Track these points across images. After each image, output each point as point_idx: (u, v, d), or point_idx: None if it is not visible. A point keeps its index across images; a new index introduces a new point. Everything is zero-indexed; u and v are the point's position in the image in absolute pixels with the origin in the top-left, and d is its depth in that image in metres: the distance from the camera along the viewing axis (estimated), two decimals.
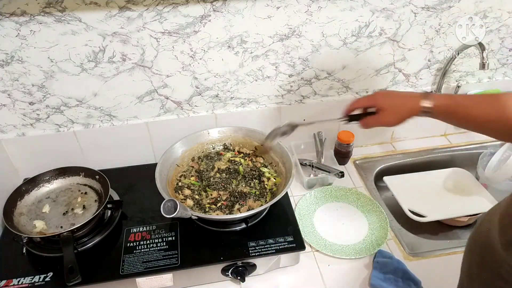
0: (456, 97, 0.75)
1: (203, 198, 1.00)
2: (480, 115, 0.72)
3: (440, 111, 0.75)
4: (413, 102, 0.77)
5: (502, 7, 1.15)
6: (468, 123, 0.74)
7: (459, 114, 0.74)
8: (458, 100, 0.75)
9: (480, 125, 0.73)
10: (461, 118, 0.75)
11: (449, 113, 0.75)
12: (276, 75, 1.14)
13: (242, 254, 0.89)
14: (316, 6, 1.02)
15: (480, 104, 0.72)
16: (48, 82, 1.00)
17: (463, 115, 0.74)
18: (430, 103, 0.75)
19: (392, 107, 0.79)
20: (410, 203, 1.09)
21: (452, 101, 0.75)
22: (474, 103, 0.73)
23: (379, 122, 0.81)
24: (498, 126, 0.70)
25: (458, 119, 0.76)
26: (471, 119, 0.73)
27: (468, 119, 0.73)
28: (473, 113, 0.72)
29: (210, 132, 1.13)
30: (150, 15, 0.95)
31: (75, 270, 0.82)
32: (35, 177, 1.01)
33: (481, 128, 0.74)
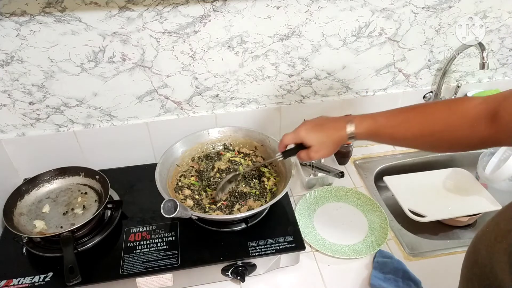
0: (379, 118, 0.74)
1: (203, 198, 1.00)
2: (404, 134, 0.71)
3: (364, 136, 0.75)
4: (337, 133, 0.76)
5: (502, 7, 1.15)
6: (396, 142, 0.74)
7: (384, 136, 0.74)
8: (380, 122, 0.73)
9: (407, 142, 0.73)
10: (387, 139, 0.75)
11: (374, 136, 0.75)
12: (276, 75, 1.14)
13: (242, 254, 0.89)
14: (316, 6, 1.02)
15: (404, 123, 0.72)
16: (48, 82, 1.00)
17: (388, 136, 0.73)
18: (353, 131, 0.75)
19: (319, 143, 0.79)
20: (410, 203, 1.09)
21: (376, 124, 0.74)
22: (398, 122, 0.72)
23: (311, 158, 0.81)
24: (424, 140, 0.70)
25: (385, 140, 0.75)
26: (398, 138, 0.73)
27: (395, 138, 0.73)
28: (397, 132, 0.72)
29: (210, 132, 1.13)
30: (150, 15, 0.95)
31: (75, 270, 0.82)
32: (35, 177, 1.01)
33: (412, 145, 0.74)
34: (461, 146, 0.68)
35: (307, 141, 0.80)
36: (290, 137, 0.83)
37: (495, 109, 0.62)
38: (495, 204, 1.09)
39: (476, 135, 0.64)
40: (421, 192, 1.16)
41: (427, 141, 0.70)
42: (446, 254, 0.99)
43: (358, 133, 0.75)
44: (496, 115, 0.61)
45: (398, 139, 0.73)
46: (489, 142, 0.64)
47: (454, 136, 0.67)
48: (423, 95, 1.29)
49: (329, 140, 0.78)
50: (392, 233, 1.05)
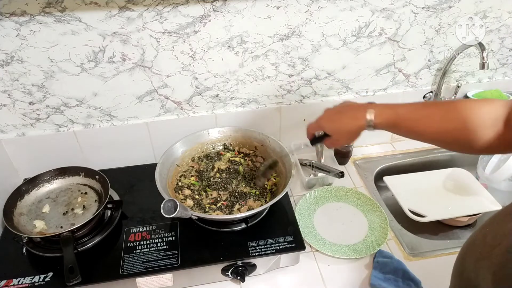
0: (400, 110, 0.73)
1: (203, 198, 1.00)
2: (424, 128, 0.71)
3: (383, 126, 0.74)
4: (356, 122, 0.76)
5: (502, 7, 1.15)
6: (413, 136, 0.73)
7: (403, 128, 0.73)
8: (401, 114, 0.72)
9: (426, 138, 0.72)
10: (406, 131, 0.74)
11: (393, 128, 0.74)
12: (276, 75, 1.14)
13: (242, 254, 0.89)
14: (316, 6, 1.02)
15: (424, 117, 0.71)
16: (48, 82, 1.00)
17: (407, 129, 0.73)
18: (372, 121, 0.74)
19: (339, 131, 0.80)
20: (410, 203, 1.09)
21: (396, 116, 0.73)
22: (419, 117, 0.71)
23: (334, 145, 0.83)
24: (443, 137, 0.69)
25: (403, 132, 0.75)
26: (416, 132, 0.72)
27: (413, 132, 0.73)
28: (417, 127, 0.71)
29: (210, 132, 1.13)
30: (150, 15, 0.95)
31: (75, 270, 0.82)
32: (35, 177, 1.01)
33: (427, 140, 0.73)
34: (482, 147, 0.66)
35: (327, 129, 0.81)
36: (313, 126, 0.85)
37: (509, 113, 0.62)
38: (495, 204, 1.09)
39: (497, 137, 0.64)
40: (421, 192, 1.16)
41: (446, 138, 0.69)
42: (446, 254, 0.99)
43: (377, 123, 0.74)
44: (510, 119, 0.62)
45: (417, 133, 0.72)
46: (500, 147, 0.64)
47: (474, 136, 0.65)
48: (423, 95, 1.29)
49: (348, 130, 0.78)
50: (392, 233, 1.05)
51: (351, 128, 0.77)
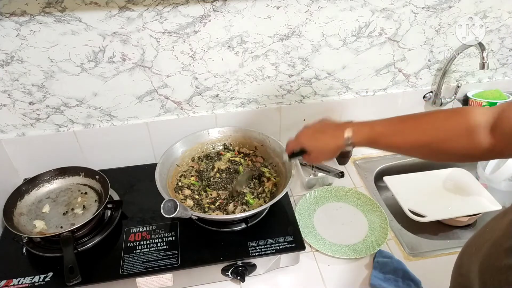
0: (377, 127, 0.75)
1: (203, 198, 1.00)
2: (402, 142, 0.72)
3: (362, 143, 0.76)
4: (335, 141, 0.78)
5: (502, 7, 1.15)
6: (392, 150, 0.76)
7: (382, 144, 0.75)
8: (378, 130, 0.74)
9: (404, 151, 0.74)
10: (384, 147, 0.76)
11: (371, 143, 0.76)
12: (276, 75, 1.14)
13: (242, 254, 0.89)
14: (316, 6, 1.02)
15: (402, 131, 0.72)
16: (48, 82, 1.00)
17: (385, 144, 0.74)
18: (350, 139, 0.76)
19: (318, 149, 0.81)
20: (410, 203, 1.09)
21: (373, 133, 0.75)
22: (394, 132, 0.73)
23: (312, 162, 0.86)
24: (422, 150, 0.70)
25: (382, 147, 0.76)
26: (394, 147, 0.74)
27: (391, 147, 0.75)
28: (394, 142, 0.73)
29: (210, 132, 1.13)
30: (150, 15, 0.95)
31: (75, 270, 0.82)
32: (35, 177, 1.01)
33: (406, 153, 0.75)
34: (461, 156, 0.68)
35: (307, 148, 0.83)
36: (293, 143, 0.87)
37: (495, 120, 0.62)
38: (495, 204, 1.09)
39: (476, 146, 0.64)
40: (421, 192, 1.16)
41: (424, 150, 0.71)
42: (446, 254, 0.99)
43: (355, 141, 0.76)
44: (496, 126, 0.61)
45: (396, 148, 0.75)
46: (492, 153, 0.64)
47: (452, 146, 0.66)
48: (423, 95, 1.29)
49: (327, 148, 0.80)
50: (392, 233, 1.05)
51: (331, 147, 0.79)
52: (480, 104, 1.23)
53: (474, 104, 1.25)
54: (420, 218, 1.06)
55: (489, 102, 1.21)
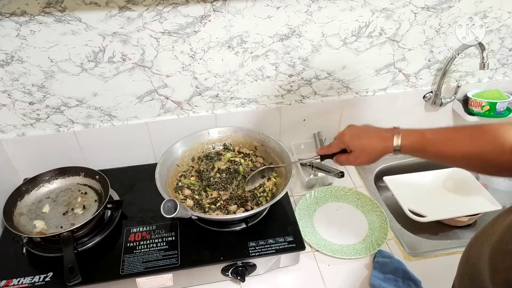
0: (427, 133, 0.73)
1: (203, 198, 1.00)
2: (451, 151, 0.70)
3: (409, 149, 0.74)
4: (383, 143, 0.75)
5: (502, 7, 1.15)
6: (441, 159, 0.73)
7: (430, 152, 0.73)
8: (428, 136, 0.72)
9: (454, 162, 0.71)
10: (432, 155, 0.73)
11: (420, 151, 0.74)
12: (276, 75, 1.14)
13: (242, 254, 0.89)
14: (316, 6, 1.02)
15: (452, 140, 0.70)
16: (48, 82, 1.00)
17: (434, 152, 0.72)
18: (399, 144, 0.74)
19: (363, 149, 0.78)
20: (410, 203, 1.09)
21: (423, 139, 0.73)
22: (446, 139, 0.71)
23: (350, 162, 0.80)
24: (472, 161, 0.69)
25: (429, 156, 0.74)
26: (444, 156, 0.71)
27: (441, 156, 0.72)
28: (445, 150, 0.71)
29: (210, 132, 1.13)
30: (150, 15, 0.95)
31: (75, 270, 0.82)
32: (35, 177, 1.01)
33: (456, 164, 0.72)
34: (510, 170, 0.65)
35: (351, 146, 0.79)
36: (336, 144, 0.83)
37: None
38: (495, 204, 1.09)
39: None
40: (421, 192, 1.16)
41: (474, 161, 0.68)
42: (446, 254, 0.99)
43: (404, 145, 0.74)
44: None
45: (445, 157, 0.72)
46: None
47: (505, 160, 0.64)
48: (423, 95, 1.29)
49: (373, 149, 0.77)
50: (392, 233, 1.05)
51: (377, 149, 0.76)
52: (480, 104, 1.23)
53: (474, 104, 1.25)
54: (420, 218, 1.06)
55: (489, 102, 1.21)
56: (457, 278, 0.60)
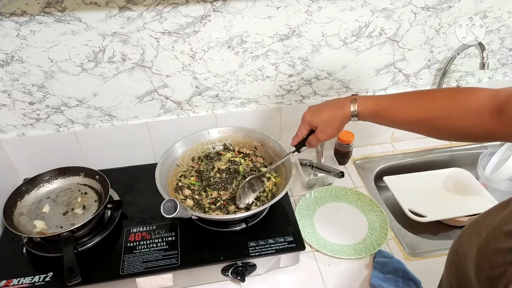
0: (382, 99, 0.76)
1: (203, 198, 1.00)
2: (405, 116, 0.72)
3: (366, 115, 0.76)
4: (341, 110, 0.79)
5: (502, 7, 1.15)
6: (395, 124, 0.75)
7: (385, 117, 0.75)
8: (383, 102, 0.75)
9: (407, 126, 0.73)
10: (388, 120, 0.75)
11: (375, 116, 0.76)
12: (276, 75, 1.14)
13: (242, 254, 0.89)
14: (316, 6, 1.02)
15: (406, 105, 0.72)
16: (48, 82, 1.00)
17: (388, 117, 0.74)
18: (355, 109, 0.76)
19: (325, 122, 0.81)
20: (410, 203, 1.09)
21: (378, 104, 0.75)
22: (401, 104, 0.73)
23: (319, 139, 0.83)
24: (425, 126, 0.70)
25: (386, 121, 0.76)
26: (398, 121, 0.73)
27: (395, 121, 0.74)
28: (399, 115, 0.73)
29: (210, 132, 1.13)
30: (150, 15, 0.95)
31: (75, 270, 0.82)
32: (35, 177, 1.01)
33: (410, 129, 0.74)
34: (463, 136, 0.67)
35: (313, 122, 0.83)
36: (301, 127, 0.86)
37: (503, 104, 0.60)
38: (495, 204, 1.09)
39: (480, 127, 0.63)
40: (421, 192, 1.16)
41: (428, 126, 0.70)
42: (446, 254, 0.97)
43: (360, 111, 0.76)
44: (503, 110, 0.60)
45: (399, 122, 0.74)
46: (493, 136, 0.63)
47: (456, 124, 0.66)
48: None
49: (334, 118, 0.80)
50: (392, 233, 1.05)
51: (337, 116, 0.80)
52: None
53: None
54: (420, 218, 1.06)
55: None
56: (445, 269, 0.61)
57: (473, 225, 0.57)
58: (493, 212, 0.54)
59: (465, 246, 0.54)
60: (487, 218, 0.54)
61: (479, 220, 0.56)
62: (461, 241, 0.58)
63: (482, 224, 0.53)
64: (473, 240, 0.52)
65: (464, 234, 0.58)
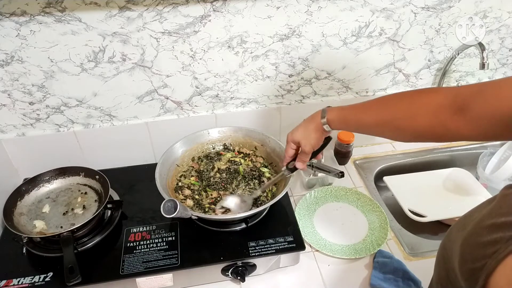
0: (347, 107, 0.80)
1: (203, 198, 1.00)
2: (369, 120, 0.75)
3: (335, 123, 0.81)
4: (313, 122, 0.84)
5: (502, 7, 1.15)
6: (362, 128, 0.78)
7: (352, 122, 0.79)
8: (347, 110, 0.79)
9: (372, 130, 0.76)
10: (355, 125, 0.80)
11: (343, 123, 0.80)
12: (276, 75, 1.14)
13: (242, 254, 0.89)
14: (316, 6, 1.02)
15: (368, 110, 0.76)
16: (48, 82, 1.00)
17: (354, 123, 0.79)
18: (325, 118, 0.81)
19: (304, 136, 0.86)
20: (410, 203, 1.09)
21: (343, 111, 0.80)
22: (363, 109, 0.77)
23: (304, 152, 0.87)
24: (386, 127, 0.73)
25: (354, 127, 0.81)
26: (363, 124, 0.77)
27: (361, 125, 0.77)
28: (363, 119, 0.76)
29: (210, 132, 1.13)
30: (150, 15, 0.95)
31: (75, 270, 0.82)
32: (35, 177, 1.01)
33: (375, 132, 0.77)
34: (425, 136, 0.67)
35: (294, 138, 0.88)
36: (287, 148, 0.91)
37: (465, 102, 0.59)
38: None
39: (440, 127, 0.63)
40: (421, 192, 1.16)
41: (388, 128, 0.72)
42: None
43: (329, 120, 0.81)
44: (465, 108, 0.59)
45: (363, 126, 0.77)
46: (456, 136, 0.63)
47: (415, 124, 0.67)
48: None
49: (309, 130, 0.85)
50: (392, 233, 1.05)
51: (312, 128, 0.85)
52: None
53: None
54: (420, 218, 1.06)
55: None
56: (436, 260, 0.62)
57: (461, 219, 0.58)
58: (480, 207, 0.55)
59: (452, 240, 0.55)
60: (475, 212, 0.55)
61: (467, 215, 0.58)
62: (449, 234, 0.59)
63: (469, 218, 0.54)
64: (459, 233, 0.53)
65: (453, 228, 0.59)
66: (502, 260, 0.41)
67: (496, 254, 0.42)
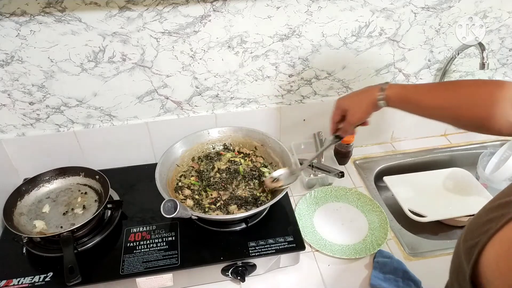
0: (409, 86, 0.79)
1: (203, 198, 1.00)
2: (430, 103, 0.74)
3: (393, 100, 0.79)
4: (370, 95, 0.82)
5: (502, 7, 1.15)
6: (420, 110, 0.77)
7: (411, 102, 0.78)
8: (410, 89, 0.78)
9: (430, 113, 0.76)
10: (413, 106, 0.78)
11: (402, 102, 0.79)
12: (276, 75, 1.14)
13: (242, 254, 0.89)
14: (316, 6, 1.02)
15: (431, 92, 0.75)
16: (48, 82, 1.00)
17: (415, 102, 0.77)
18: (383, 94, 0.79)
19: (354, 105, 0.85)
20: (410, 203, 1.09)
21: (405, 90, 0.78)
22: (426, 91, 0.76)
23: (349, 122, 0.86)
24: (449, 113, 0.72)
25: (411, 107, 0.79)
26: (423, 106, 0.76)
27: (420, 106, 0.76)
28: (424, 101, 0.75)
29: (210, 132, 1.13)
30: (150, 15, 0.95)
31: (75, 270, 0.82)
32: (35, 177, 1.01)
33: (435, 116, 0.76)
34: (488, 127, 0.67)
35: (344, 105, 0.87)
36: (334, 113, 0.90)
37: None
38: None
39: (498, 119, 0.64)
40: (421, 192, 1.16)
41: (451, 113, 0.72)
42: (446, 254, 0.99)
43: (387, 95, 0.79)
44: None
45: (424, 107, 0.76)
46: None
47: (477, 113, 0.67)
48: None
49: (363, 102, 0.84)
50: (392, 233, 1.05)
51: (367, 101, 0.83)
52: None
53: None
54: (420, 218, 1.06)
55: None
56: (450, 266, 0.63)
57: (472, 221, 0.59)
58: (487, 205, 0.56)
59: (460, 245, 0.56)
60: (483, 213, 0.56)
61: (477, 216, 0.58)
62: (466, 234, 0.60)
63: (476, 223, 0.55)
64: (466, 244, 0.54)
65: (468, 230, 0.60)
66: (493, 235, 0.43)
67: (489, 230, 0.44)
